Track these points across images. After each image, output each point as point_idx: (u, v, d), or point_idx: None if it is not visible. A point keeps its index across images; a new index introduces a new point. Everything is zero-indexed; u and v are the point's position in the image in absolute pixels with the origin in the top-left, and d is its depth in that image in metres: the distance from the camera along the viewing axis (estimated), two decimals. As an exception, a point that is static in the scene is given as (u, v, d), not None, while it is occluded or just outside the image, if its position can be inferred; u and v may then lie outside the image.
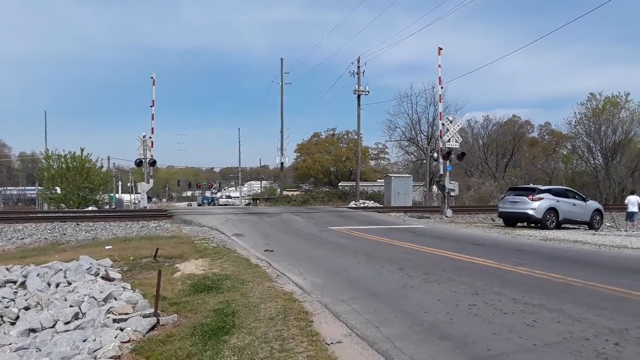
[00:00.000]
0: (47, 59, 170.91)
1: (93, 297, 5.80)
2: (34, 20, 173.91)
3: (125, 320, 5.05)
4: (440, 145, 24.33)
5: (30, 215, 20.97)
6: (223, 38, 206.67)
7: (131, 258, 9.69)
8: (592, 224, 19.13)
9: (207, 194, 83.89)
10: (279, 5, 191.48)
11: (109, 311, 5.32)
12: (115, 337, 4.64)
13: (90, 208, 29.04)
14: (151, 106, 26.16)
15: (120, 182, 68.38)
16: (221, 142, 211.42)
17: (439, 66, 24.62)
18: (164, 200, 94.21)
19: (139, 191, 29.71)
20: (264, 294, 6.28)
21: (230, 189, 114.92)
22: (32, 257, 10.12)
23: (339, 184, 50.89)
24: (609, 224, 22.06)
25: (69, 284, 6.89)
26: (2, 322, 5.74)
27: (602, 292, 6.54)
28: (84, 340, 4.60)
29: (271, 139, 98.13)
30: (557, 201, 18.22)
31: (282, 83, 44.30)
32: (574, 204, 18.78)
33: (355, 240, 13.32)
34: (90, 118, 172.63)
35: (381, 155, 63.70)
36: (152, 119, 26.22)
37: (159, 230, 16.40)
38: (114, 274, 7.60)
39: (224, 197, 78.30)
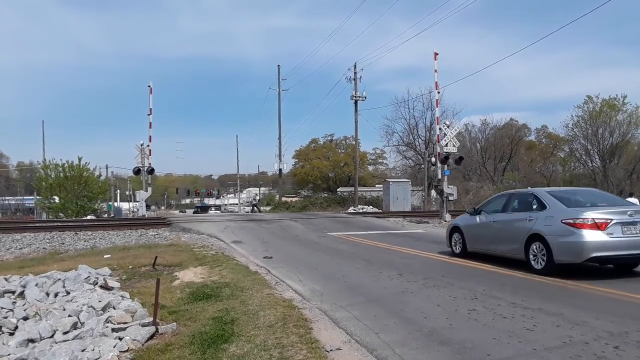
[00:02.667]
0: (45, 68, 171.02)
1: (92, 306, 5.78)
2: (31, 29, 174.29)
3: (124, 329, 5.04)
4: (438, 149, 24.38)
5: (29, 225, 20.94)
6: (220, 46, 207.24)
7: (130, 267, 9.67)
8: (590, 227, 19.06)
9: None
10: (276, 12, 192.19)
11: (107, 320, 5.30)
12: (114, 347, 4.63)
13: (88, 217, 28.99)
14: (149, 114, 26.17)
15: (118, 191, 68.28)
16: (219, 150, 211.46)
17: (435, 71, 24.72)
18: (163, 208, 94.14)
19: (138, 199, 29.66)
20: (263, 302, 6.26)
21: (228, 195, 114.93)
22: (31, 266, 10.09)
23: (338, 190, 50.89)
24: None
25: (68, 293, 6.87)
26: (1, 333, 5.72)
27: (601, 296, 6.55)
28: (83, 350, 4.58)
29: (269, 146, 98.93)
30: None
31: (279, 90, 44.49)
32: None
33: (354, 245, 13.32)
34: (88, 127, 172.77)
35: (379, 161, 63.84)
36: (150, 127, 26.23)
37: (158, 239, 16.37)
38: (112, 283, 7.57)
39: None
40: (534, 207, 9.21)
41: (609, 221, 7.87)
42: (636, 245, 7.83)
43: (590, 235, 7.78)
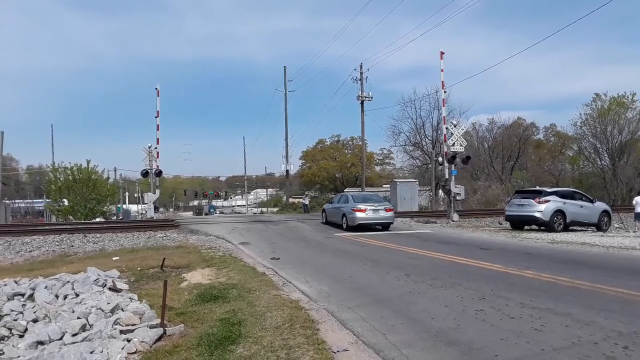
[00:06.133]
0: (53, 73, 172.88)
1: (100, 308, 5.82)
2: (39, 34, 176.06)
3: (132, 331, 5.06)
4: (445, 149, 24.29)
5: (39, 228, 21.10)
6: (227, 48, 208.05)
7: (138, 269, 9.72)
8: (599, 226, 18.99)
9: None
10: (282, 13, 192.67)
11: (116, 322, 5.33)
12: (122, 349, 4.65)
13: (97, 219, 29.21)
14: (156, 117, 26.28)
15: (127, 193, 68.71)
16: (227, 151, 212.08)
17: (442, 70, 24.64)
18: (171, 210, 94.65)
19: (146, 202, 29.81)
20: (270, 303, 6.27)
21: (236, 197, 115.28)
22: (40, 269, 10.18)
23: (345, 190, 50.88)
24: (617, 225, 21.90)
25: (77, 295, 6.92)
26: (10, 335, 5.77)
27: (610, 295, 6.49)
28: (91, 352, 4.61)
29: (276, 147, 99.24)
30: (564, 203, 18.10)
31: (285, 91, 44.53)
32: (581, 206, 18.65)
33: (361, 246, 13.30)
34: (96, 130, 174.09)
35: (386, 161, 63.75)
36: (157, 130, 26.34)
37: (166, 240, 16.45)
38: (121, 285, 7.62)
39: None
40: (345, 201, 19.78)
41: (367, 209, 18.25)
42: (376, 218, 18.37)
43: (359, 214, 18.16)
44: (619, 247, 12.37)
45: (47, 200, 37.07)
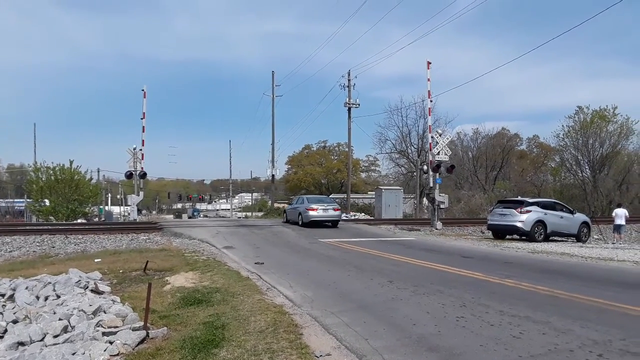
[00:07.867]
0: (37, 69, 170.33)
1: (82, 310, 5.79)
2: (25, 30, 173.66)
3: (115, 333, 5.05)
4: (430, 158, 24.54)
5: (19, 228, 20.79)
6: (216, 50, 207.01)
7: (121, 271, 9.65)
8: (579, 237, 19.35)
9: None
10: (272, 17, 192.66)
11: (98, 324, 5.32)
12: (105, 351, 4.65)
13: (79, 220, 28.83)
14: (142, 118, 26.14)
15: (109, 195, 67.91)
16: (212, 154, 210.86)
17: (428, 80, 24.94)
18: (154, 212, 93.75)
19: (129, 203, 29.53)
20: (254, 307, 6.30)
21: (220, 201, 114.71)
22: (21, 270, 10.04)
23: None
24: (596, 237, 22.32)
25: (58, 297, 6.86)
26: (-11, 336, 5.70)
27: (587, 304, 6.65)
28: (73, 354, 4.60)
29: (262, 151, 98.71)
30: (545, 214, 18.42)
31: (273, 96, 44.54)
32: (561, 217, 18.99)
33: (346, 252, 13.37)
34: (80, 130, 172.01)
35: (372, 168, 64.27)
36: (143, 131, 26.20)
37: (149, 243, 16.33)
38: (103, 287, 7.57)
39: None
40: (302, 202, 23.39)
41: (318, 208, 22.08)
42: (325, 216, 22.25)
43: (312, 212, 21.96)
44: (597, 257, 12.64)
45: (28, 200, 36.47)
